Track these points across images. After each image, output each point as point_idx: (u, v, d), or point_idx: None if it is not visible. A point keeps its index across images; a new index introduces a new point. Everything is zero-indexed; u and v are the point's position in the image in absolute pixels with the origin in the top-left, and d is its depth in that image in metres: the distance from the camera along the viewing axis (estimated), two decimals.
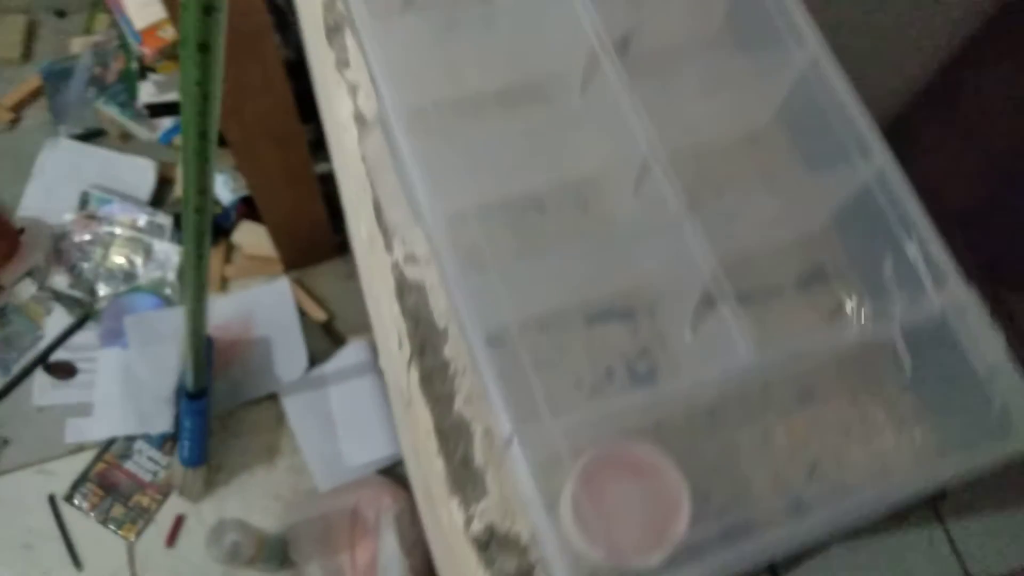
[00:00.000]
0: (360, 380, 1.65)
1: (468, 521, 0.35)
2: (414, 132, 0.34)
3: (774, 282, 0.39)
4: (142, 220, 1.72)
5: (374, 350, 1.69)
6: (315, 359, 1.69)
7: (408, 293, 0.37)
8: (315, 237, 1.72)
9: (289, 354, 1.69)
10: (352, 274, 1.81)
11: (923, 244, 0.34)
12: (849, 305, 0.38)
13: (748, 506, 0.36)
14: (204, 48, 0.75)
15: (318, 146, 1.69)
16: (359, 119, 0.40)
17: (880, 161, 0.35)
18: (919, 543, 1.72)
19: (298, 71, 1.33)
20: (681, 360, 0.37)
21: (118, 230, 1.71)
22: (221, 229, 1.74)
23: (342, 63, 0.41)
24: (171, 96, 1.60)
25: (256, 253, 1.75)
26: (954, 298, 0.33)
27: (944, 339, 0.33)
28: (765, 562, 0.32)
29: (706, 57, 0.45)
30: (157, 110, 1.66)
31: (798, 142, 0.40)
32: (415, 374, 0.37)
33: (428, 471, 0.39)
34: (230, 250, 1.76)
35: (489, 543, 0.35)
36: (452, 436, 0.35)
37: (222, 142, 1.64)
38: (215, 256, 1.73)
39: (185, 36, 0.73)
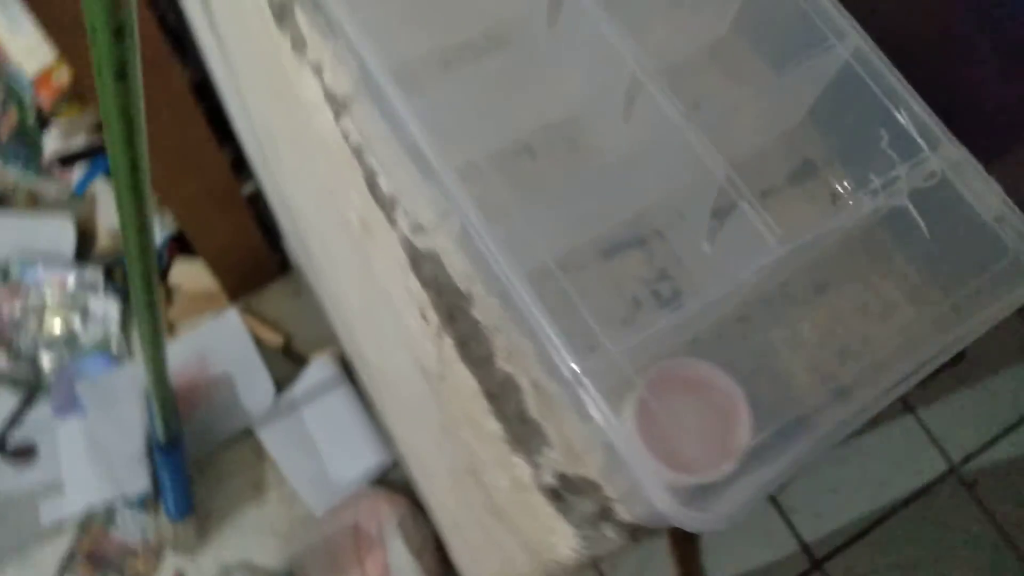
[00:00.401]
0: (332, 395, 1.63)
1: (537, 475, 0.34)
2: (404, 88, 0.34)
3: (768, 184, 0.40)
4: (71, 280, 1.64)
5: (339, 362, 1.67)
6: (281, 384, 1.65)
7: (423, 263, 0.36)
8: (255, 260, 1.67)
9: (253, 385, 1.65)
10: (300, 291, 1.77)
11: (911, 111, 0.35)
12: (846, 188, 0.39)
13: (796, 402, 0.36)
14: (121, 75, 0.72)
15: (240, 166, 1.64)
16: (331, 97, 0.39)
17: (855, 40, 0.36)
18: (897, 437, 1.80)
19: (204, 92, 1.29)
20: (703, 272, 0.37)
21: (48, 295, 1.63)
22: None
23: (298, 45, 0.40)
24: (80, 141, 1.53)
25: (197, 290, 1.69)
26: (950, 157, 0.35)
27: (948, 199, 0.34)
28: (825, 450, 0.33)
29: None
30: (69, 159, 1.58)
31: (764, 44, 0.40)
32: (448, 342, 0.36)
33: (476, 439, 0.39)
34: (170, 292, 1.70)
35: (563, 492, 0.34)
36: (501, 395, 0.35)
37: None
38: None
39: (99, 65, 0.70)
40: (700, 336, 0.33)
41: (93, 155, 1.60)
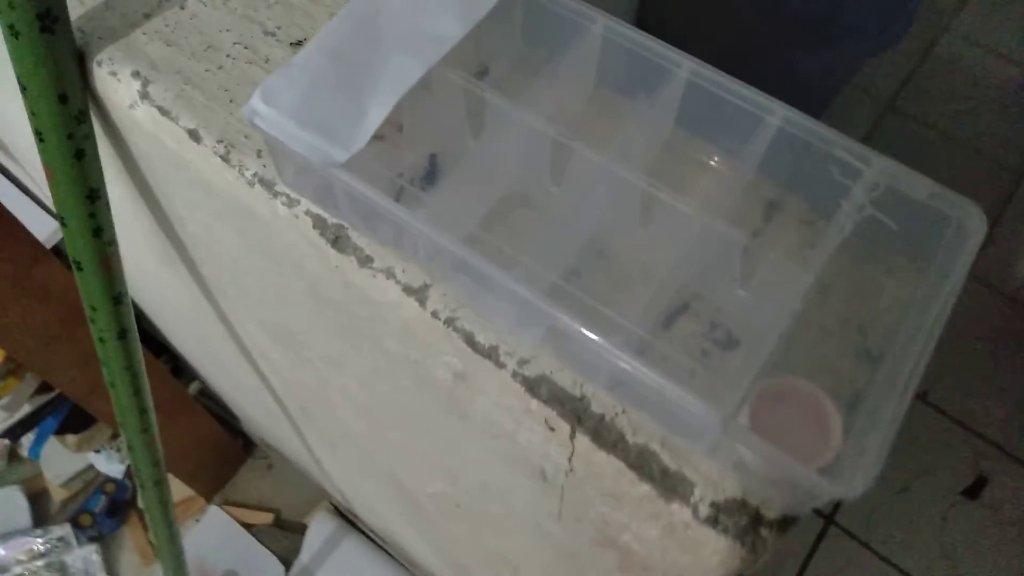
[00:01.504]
0: (341, 550, 1.61)
1: (695, 512, 0.41)
2: (469, 259, 0.41)
3: (754, 227, 0.51)
4: (38, 545, 1.56)
5: (336, 515, 1.66)
6: (287, 559, 1.62)
7: (539, 387, 0.43)
8: (219, 452, 1.65)
9: (261, 571, 1.62)
10: (271, 464, 1.75)
11: (841, 144, 0.46)
12: (813, 216, 0.50)
13: (850, 380, 0.46)
14: (122, 336, 0.76)
15: (179, 372, 1.63)
16: (409, 290, 0.46)
17: (691, 67, 0.49)
18: None
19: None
20: (748, 312, 0.46)
21: (18, 569, 1.54)
22: (125, 503, 1.63)
23: (365, 261, 0.46)
24: (25, 410, 1.49)
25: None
26: (879, 166, 0.46)
27: (893, 198, 0.45)
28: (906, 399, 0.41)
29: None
30: (16, 431, 1.53)
31: (704, 131, 0.52)
32: (583, 439, 0.43)
33: (616, 509, 0.45)
34: (144, 518, 1.64)
35: (718, 517, 0.42)
36: (642, 462, 0.42)
37: (90, 417, 1.53)
38: (137, 531, 1.61)
39: (100, 333, 0.74)
40: (765, 360, 0.42)
41: (38, 419, 1.55)
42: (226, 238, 0.64)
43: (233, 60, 0.55)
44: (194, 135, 0.53)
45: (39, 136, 0.58)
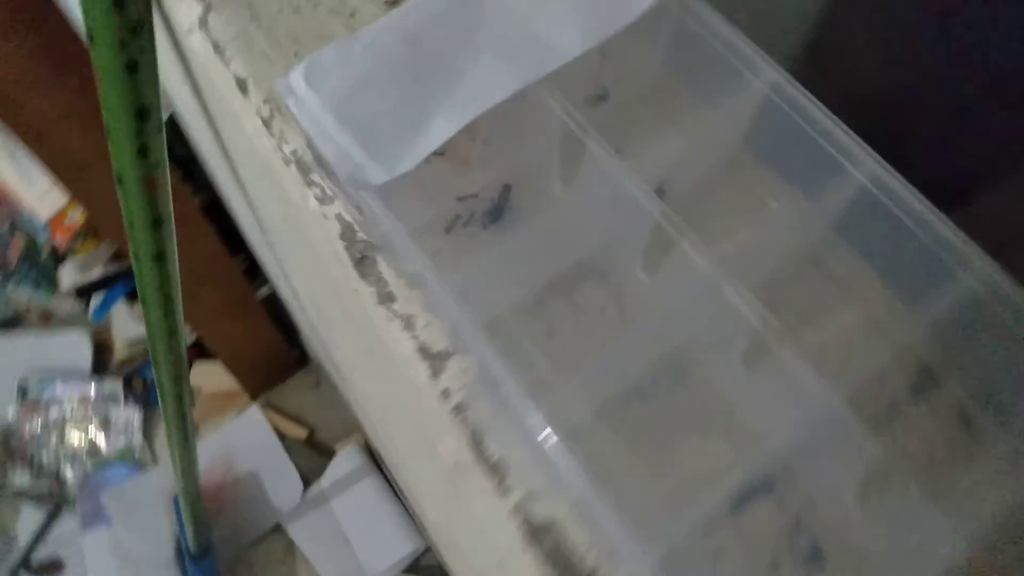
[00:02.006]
0: (360, 486, 1.58)
1: None
2: (499, 346, 0.31)
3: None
4: (91, 393, 1.59)
5: (365, 451, 1.62)
6: (308, 477, 1.60)
7: (544, 537, 0.33)
8: (273, 358, 1.63)
9: (281, 481, 1.60)
10: (320, 382, 1.73)
11: (932, 228, 0.33)
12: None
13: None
14: (159, 258, 0.69)
15: (254, 272, 1.61)
16: (425, 352, 0.36)
17: (871, 167, 0.33)
18: None
19: (214, 211, 1.26)
20: (853, 528, 0.34)
21: (68, 410, 1.58)
22: None
23: (385, 297, 0.36)
24: (96, 272, 1.50)
25: (218, 390, 1.65)
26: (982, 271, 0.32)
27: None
28: None
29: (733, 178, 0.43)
30: (85, 291, 1.55)
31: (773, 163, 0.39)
32: None
33: None
34: (191, 395, 1.65)
35: None
36: None
37: None
38: None
39: (136, 252, 0.67)
40: None
41: (109, 284, 1.57)
42: (269, 199, 0.55)
43: (314, 5, 0.45)
44: (241, 85, 0.43)
45: (90, 37, 0.49)
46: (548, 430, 0.32)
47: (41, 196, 1.29)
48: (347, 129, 0.34)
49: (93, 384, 1.59)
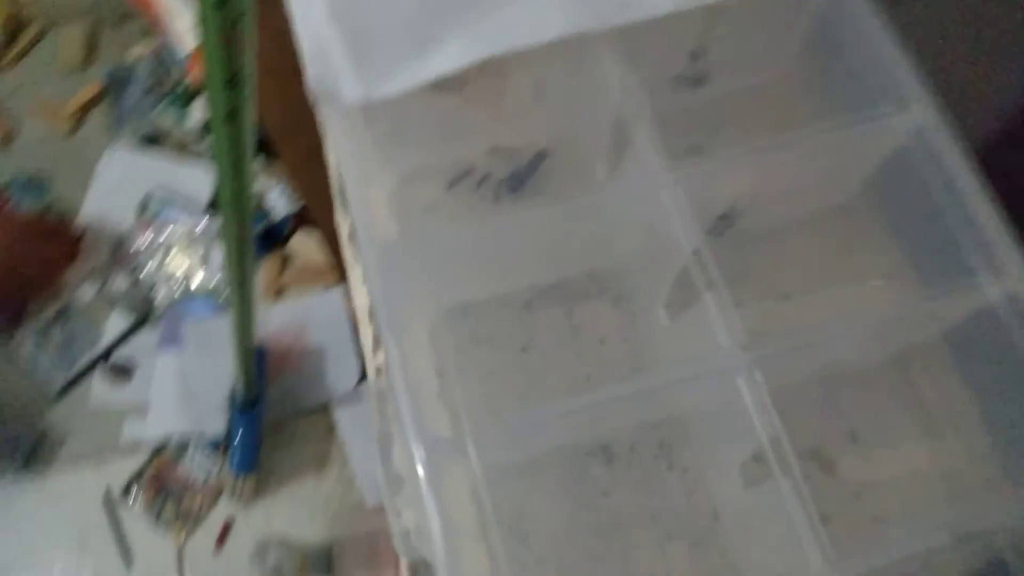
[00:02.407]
0: None
1: None
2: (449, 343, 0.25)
3: None
4: (200, 227, 1.66)
5: None
6: (367, 372, 1.62)
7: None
8: None
9: (341, 365, 1.63)
10: None
11: None
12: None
13: None
14: (232, 118, 0.65)
15: None
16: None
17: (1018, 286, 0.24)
18: None
19: None
20: None
21: (176, 236, 1.65)
22: (278, 238, 1.68)
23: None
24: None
25: (311, 262, 1.68)
26: None
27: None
28: None
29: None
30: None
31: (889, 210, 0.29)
32: None
33: None
34: (286, 260, 1.69)
35: None
36: None
37: (276, 155, 1.56)
38: (271, 265, 1.67)
39: (214, 112, 0.63)
40: None
41: None
42: None
43: None
44: None
45: None
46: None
47: (189, 31, 1.31)
48: (338, 23, 0.28)
49: (205, 220, 1.65)
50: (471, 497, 0.29)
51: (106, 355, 1.62)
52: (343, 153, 0.28)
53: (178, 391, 1.59)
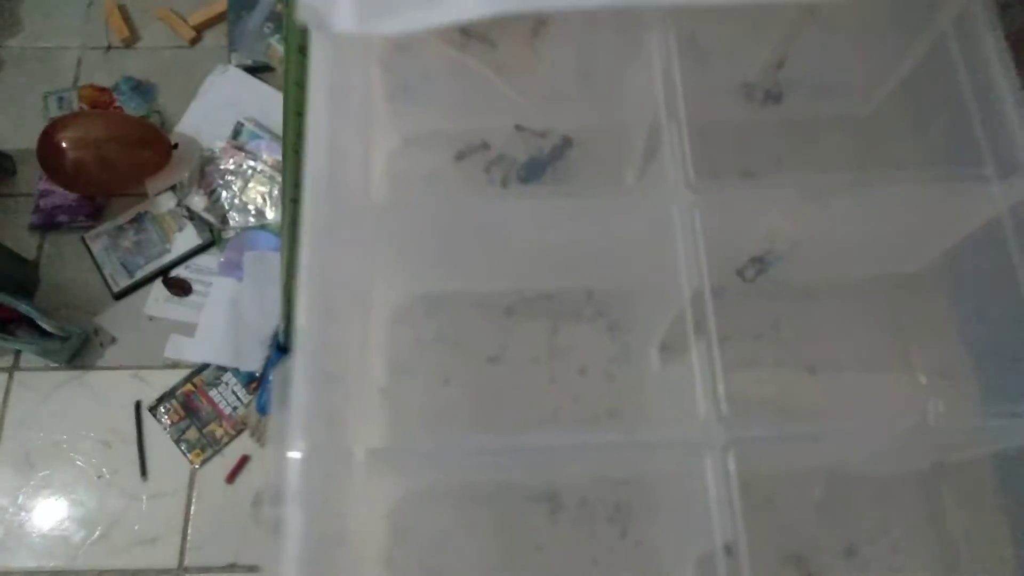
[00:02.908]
0: None
1: None
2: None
3: None
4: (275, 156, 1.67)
5: None
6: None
7: None
8: None
9: None
10: None
11: None
12: None
13: None
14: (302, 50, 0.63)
15: None
16: None
17: None
18: None
19: None
20: None
21: (260, 167, 1.67)
22: None
23: None
24: None
25: None
26: None
27: None
28: None
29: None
30: None
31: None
32: None
33: None
34: None
35: None
36: None
37: None
38: None
39: (287, 40, 0.61)
40: None
41: None
42: None
43: None
44: None
45: None
46: None
47: None
48: None
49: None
50: (386, 518, 0.25)
51: (169, 268, 1.66)
52: (325, 86, 0.24)
53: (227, 320, 1.61)
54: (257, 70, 1.76)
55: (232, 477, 1.55)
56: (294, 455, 0.20)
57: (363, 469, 0.23)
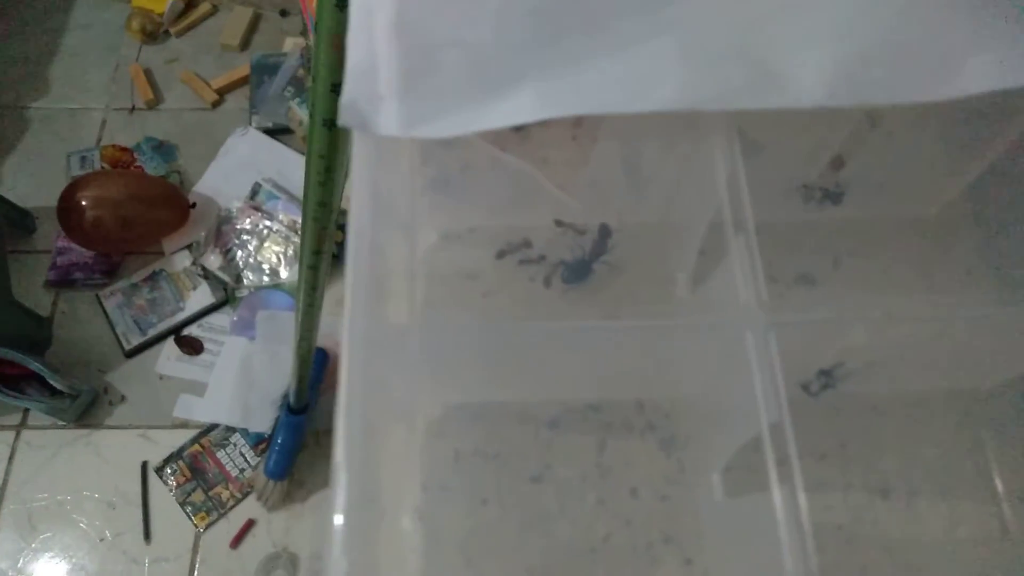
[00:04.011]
0: None
1: None
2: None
3: None
4: (299, 224, 1.67)
5: None
6: None
7: None
8: None
9: None
10: None
11: None
12: None
13: None
14: (330, 125, 0.62)
15: None
16: None
17: None
18: None
19: None
20: None
21: (276, 226, 1.67)
22: None
23: None
24: None
25: None
26: None
27: None
28: None
29: None
30: None
31: None
32: None
33: None
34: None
35: None
36: None
37: None
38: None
39: (312, 113, 0.60)
40: None
41: None
42: None
43: None
44: None
45: None
46: None
47: None
48: (399, 37, 0.22)
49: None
50: None
51: (182, 327, 1.64)
52: (368, 189, 0.23)
53: (237, 382, 1.58)
54: (276, 132, 1.78)
55: (236, 542, 1.51)
56: None
57: None
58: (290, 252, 1.65)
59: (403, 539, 0.24)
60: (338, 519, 0.20)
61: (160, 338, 1.63)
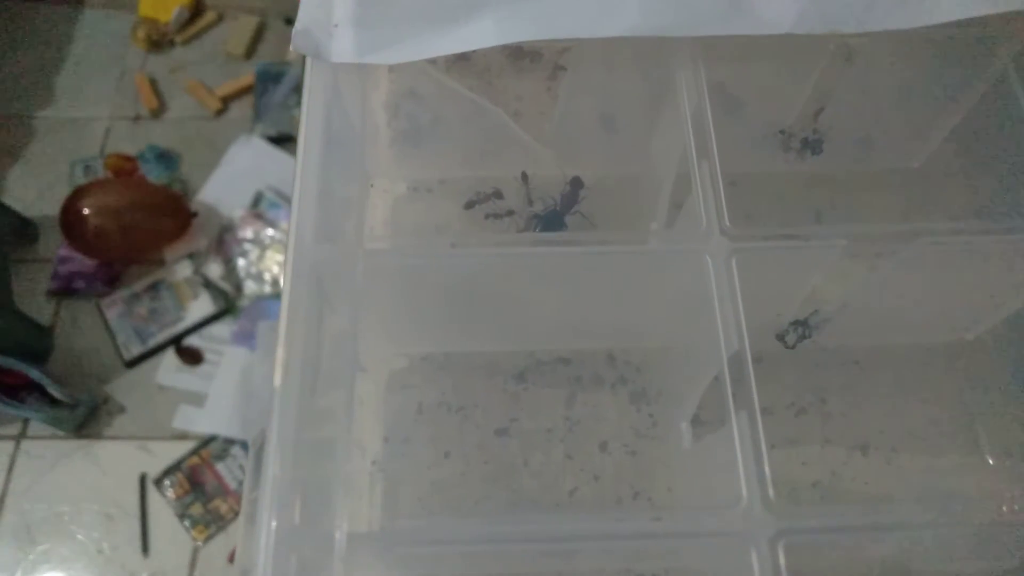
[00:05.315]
0: None
1: None
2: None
3: None
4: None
5: None
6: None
7: None
8: None
9: None
10: None
11: None
12: None
13: None
14: None
15: None
16: None
17: None
18: None
19: None
20: None
21: (278, 235, 1.68)
22: None
23: None
24: None
25: None
26: None
27: None
28: None
29: None
30: None
31: None
32: None
33: None
34: None
35: None
36: None
37: None
38: None
39: None
40: None
41: None
42: None
43: None
44: None
45: None
46: None
47: None
48: None
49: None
50: None
51: (182, 336, 1.65)
52: (320, 120, 0.22)
53: (237, 390, 1.58)
54: (280, 140, 1.79)
55: (234, 557, 1.50)
56: (265, 537, 0.17)
57: (344, 557, 0.20)
58: None
59: (359, 492, 0.23)
60: (272, 466, 0.19)
61: (160, 348, 1.63)
